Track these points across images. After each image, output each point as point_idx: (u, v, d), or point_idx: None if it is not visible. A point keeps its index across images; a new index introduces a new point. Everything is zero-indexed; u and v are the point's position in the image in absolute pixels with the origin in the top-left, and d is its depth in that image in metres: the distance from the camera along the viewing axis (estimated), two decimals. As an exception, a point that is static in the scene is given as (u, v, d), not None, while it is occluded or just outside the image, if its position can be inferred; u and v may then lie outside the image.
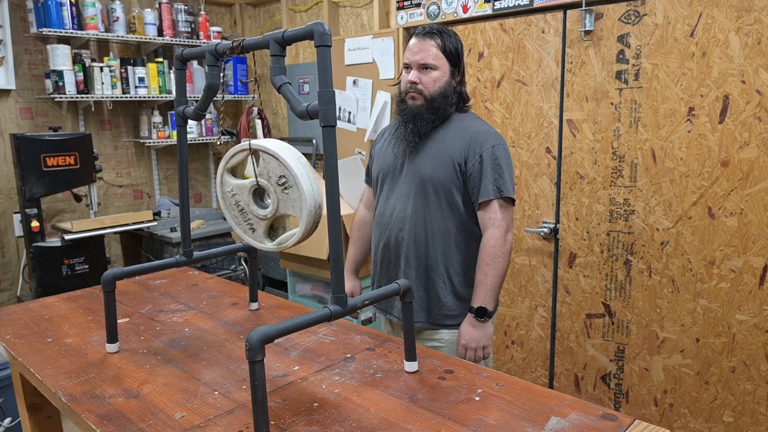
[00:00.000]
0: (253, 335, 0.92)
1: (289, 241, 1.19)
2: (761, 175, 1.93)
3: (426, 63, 1.62)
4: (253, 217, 1.24)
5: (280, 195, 1.16)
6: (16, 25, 3.14)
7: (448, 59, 1.64)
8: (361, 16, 3.36)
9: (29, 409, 1.60)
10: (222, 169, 1.25)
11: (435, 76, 1.63)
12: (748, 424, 2.06)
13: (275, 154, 1.12)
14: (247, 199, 1.22)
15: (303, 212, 1.13)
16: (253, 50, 1.11)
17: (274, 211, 1.19)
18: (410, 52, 1.65)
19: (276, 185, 1.16)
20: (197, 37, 3.69)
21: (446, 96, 1.65)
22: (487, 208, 1.63)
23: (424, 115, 1.64)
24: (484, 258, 1.62)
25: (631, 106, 2.17)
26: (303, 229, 1.15)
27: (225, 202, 1.28)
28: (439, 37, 1.63)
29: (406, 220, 1.68)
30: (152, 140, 3.56)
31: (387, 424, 1.02)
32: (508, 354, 2.70)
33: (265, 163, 1.16)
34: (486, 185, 1.61)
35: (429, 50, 1.62)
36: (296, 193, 1.12)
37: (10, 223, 3.22)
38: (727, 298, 2.05)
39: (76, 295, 1.79)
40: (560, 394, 1.11)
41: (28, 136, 2.85)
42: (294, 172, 1.11)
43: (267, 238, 1.24)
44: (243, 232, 1.27)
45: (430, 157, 1.67)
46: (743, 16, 1.90)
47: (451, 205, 1.66)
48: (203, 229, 3.50)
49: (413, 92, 1.64)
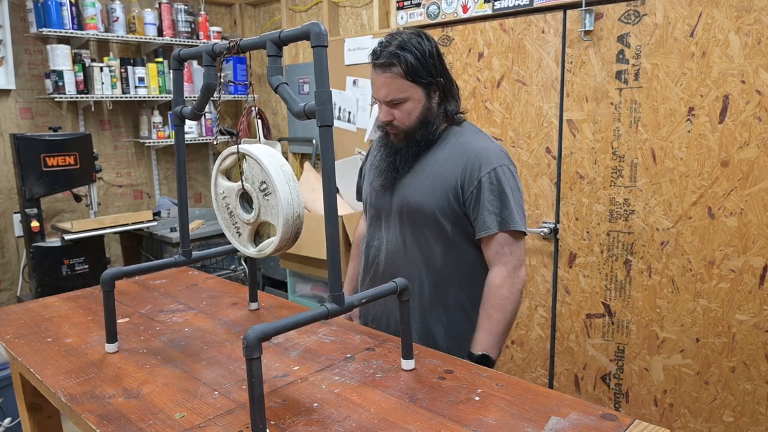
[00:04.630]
0: (250, 333, 0.92)
1: (267, 248, 1.18)
2: (761, 175, 1.93)
3: (393, 99, 1.41)
4: (239, 221, 1.23)
5: (262, 201, 1.15)
6: (16, 25, 3.14)
7: (417, 83, 1.41)
8: (361, 16, 3.36)
9: (29, 409, 1.60)
10: (216, 171, 1.25)
11: (408, 108, 1.42)
12: (748, 424, 2.06)
13: (257, 159, 1.11)
14: (235, 203, 1.22)
15: (279, 220, 1.11)
16: (249, 50, 1.11)
17: (257, 216, 1.18)
18: (374, 87, 1.45)
19: (258, 191, 1.15)
20: (197, 37, 3.69)
21: (428, 123, 1.45)
22: (490, 243, 1.42)
23: (403, 150, 1.48)
24: (489, 299, 1.41)
25: (631, 106, 2.17)
26: (279, 237, 1.13)
27: (217, 203, 1.28)
28: (398, 63, 1.38)
29: (396, 255, 1.51)
30: (152, 140, 3.56)
31: (387, 424, 1.02)
32: (508, 354, 2.70)
33: (250, 167, 1.15)
34: (486, 217, 1.41)
35: (391, 83, 1.40)
36: (275, 200, 1.11)
37: (10, 223, 3.22)
38: (727, 298, 2.05)
39: (76, 295, 1.79)
40: (560, 394, 1.11)
41: (28, 136, 2.85)
42: (273, 178, 1.09)
43: (251, 243, 1.23)
44: (231, 235, 1.27)
45: (422, 182, 1.47)
46: (743, 16, 1.90)
47: (446, 239, 1.46)
48: (203, 229, 3.50)
49: (391, 128, 1.47)
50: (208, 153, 4.14)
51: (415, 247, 1.49)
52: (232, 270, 3.61)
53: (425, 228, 1.48)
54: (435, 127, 1.48)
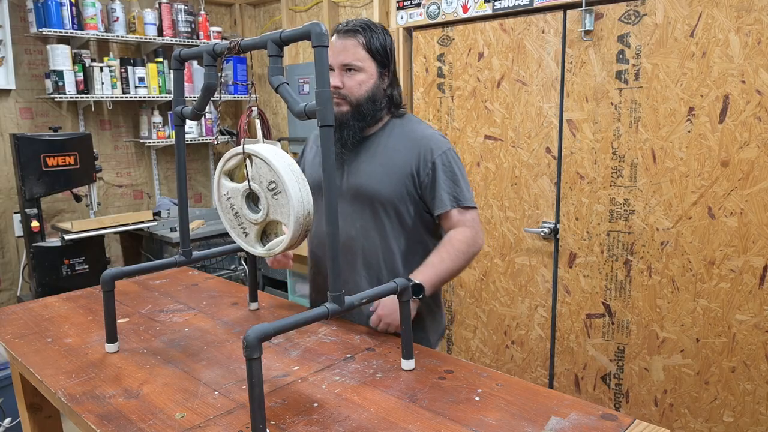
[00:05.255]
0: (251, 333, 0.92)
1: (277, 247, 1.19)
2: (761, 175, 1.93)
3: (349, 64, 1.45)
4: (246, 221, 1.23)
5: (270, 200, 1.15)
6: (16, 25, 3.14)
7: (374, 59, 1.47)
8: (361, 16, 3.36)
9: (29, 409, 1.60)
10: (218, 172, 1.25)
11: (360, 78, 1.46)
12: (748, 424, 2.06)
13: (266, 159, 1.12)
14: (241, 203, 1.22)
15: (291, 218, 1.12)
16: (250, 50, 1.12)
17: (265, 215, 1.18)
18: (332, 52, 1.44)
19: (266, 190, 1.16)
20: (197, 37, 3.69)
21: (375, 100, 1.49)
22: (449, 218, 1.50)
23: (350, 123, 1.48)
24: (446, 245, 1.46)
25: (631, 106, 2.17)
26: (291, 236, 1.15)
27: (221, 204, 1.28)
28: (363, 34, 1.45)
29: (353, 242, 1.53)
30: (152, 140, 3.56)
31: (387, 424, 1.02)
32: (508, 354, 2.70)
33: (257, 167, 1.15)
34: (442, 195, 1.48)
35: (352, 49, 1.44)
36: (285, 199, 1.12)
37: (10, 223, 3.22)
38: (727, 298, 2.05)
39: (76, 295, 1.79)
40: (560, 394, 1.11)
41: (28, 136, 2.85)
42: (283, 177, 1.10)
43: (258, 243, 1.24)
44: (237, 235, 1.27)
45: (377, 171, 1.50)
46: (743, 16, 1.90)
47: (403, 225, 1.52)
48: (203, 229, 3.50)
49: (337, 98, 1.46)
50: (208, 153, 4.14)
51: (374, 232, 1.52)
52: (232, 270, 3.61)
53: (383, 215, 1.51)
54: (381, 105, 1.52)
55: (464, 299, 2.82)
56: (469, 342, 2.84)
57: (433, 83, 2.77)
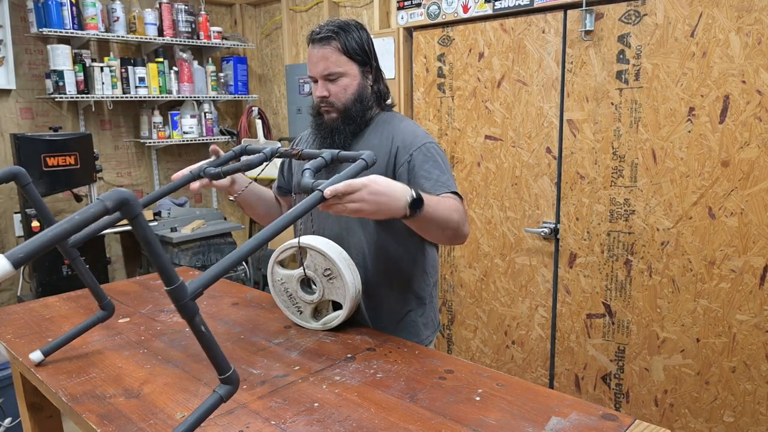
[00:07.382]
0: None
1: (333, 321, 1.43)
2: (761, 175, 1.93)
3: (330, 72, 1.45)
4: (300, 302, 1.46)
5: (326, 284, 1.39)
6: (16, 25, 3.14)
7: (354, 60, 1.47)
8: (361, 16, 3.36)
9: (30, 409, 1.60)
10: (273, 262, 1.46)
11: (344, 83, 1.47)
12: (749, 424, 2.06)
13: (322, 252, 1.36)
14: (295, 287, 1.44)
15: (347, 298, 1.37)
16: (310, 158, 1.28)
17: (321, 297, 1.41)
18: (311, 64, 1.48)
19: (322, 276, 1.39)
20: (197, 37, 3.69)
21: (362, 100, 1.49)
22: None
23: (341, 128, 1.49)
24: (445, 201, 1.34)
25: (632, 106, 2.17)
26: (346, 312, 1.40)
27: (275, 288, 1.49)
28: (337, 38, 1.45)
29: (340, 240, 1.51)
30: (152, 140, 3.56)
31: (387, 424, 1.02)
32: (508, 354, 2.70)
33: (312, 258, 1.39)
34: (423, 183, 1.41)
35: (330, 57, 1.45)
36: (340, 282, 1.37)
37: (10, 223, 3.22)
38: (728, 298, 2.05)
39: (77, 295, 1.79)
40: (560, 394, 1.11)
41: (28, 136, 2.85)
42: (338, 266, 1.35)
43: (313, 319, 1.46)
44: (291, 313, 1.49)
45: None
46: (743, 16, 1.90)
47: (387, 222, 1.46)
48: (203, 229, 3.50)
49: (325, 106, 1.49)
50: (208, 153, 4.14)
51: (359, 231, 1.51)
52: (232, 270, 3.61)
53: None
54: (370, 103, 1.52)
55: (464, 299, 2.82)
56: (470, 342, 2.84)
57: (433, 83, 2.77)
